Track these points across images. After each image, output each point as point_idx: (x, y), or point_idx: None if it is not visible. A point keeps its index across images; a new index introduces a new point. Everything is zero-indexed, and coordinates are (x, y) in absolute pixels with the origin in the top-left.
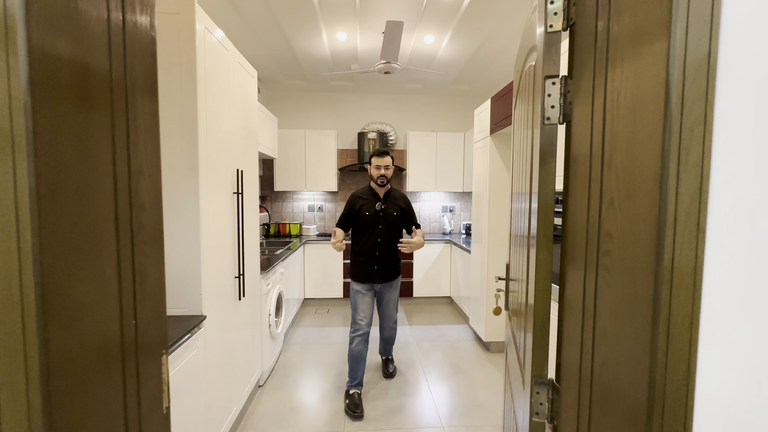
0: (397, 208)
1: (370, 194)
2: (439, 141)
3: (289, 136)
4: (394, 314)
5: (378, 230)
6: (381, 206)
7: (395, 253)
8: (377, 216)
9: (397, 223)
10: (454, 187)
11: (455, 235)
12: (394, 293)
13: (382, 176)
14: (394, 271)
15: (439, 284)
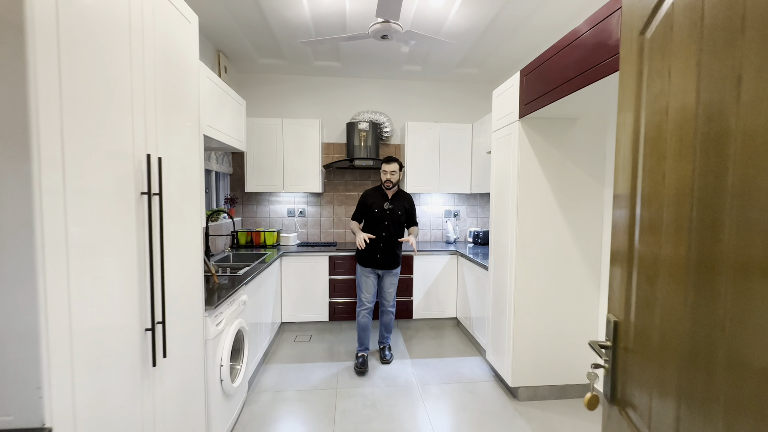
0: (402, 208)
1: (380, 194)
2: (443, 133)
3: (262, 126)
4: (392, 298)
5: (384, 226)
6: (388, 206)
7: (397, 247)
8: (384, 214)
9: (400, 222)
10: (460, 188)
11: (460, 245)
12: (394, 279)
13: (387, 180)
14: (394, 261)
15: (443, 304)
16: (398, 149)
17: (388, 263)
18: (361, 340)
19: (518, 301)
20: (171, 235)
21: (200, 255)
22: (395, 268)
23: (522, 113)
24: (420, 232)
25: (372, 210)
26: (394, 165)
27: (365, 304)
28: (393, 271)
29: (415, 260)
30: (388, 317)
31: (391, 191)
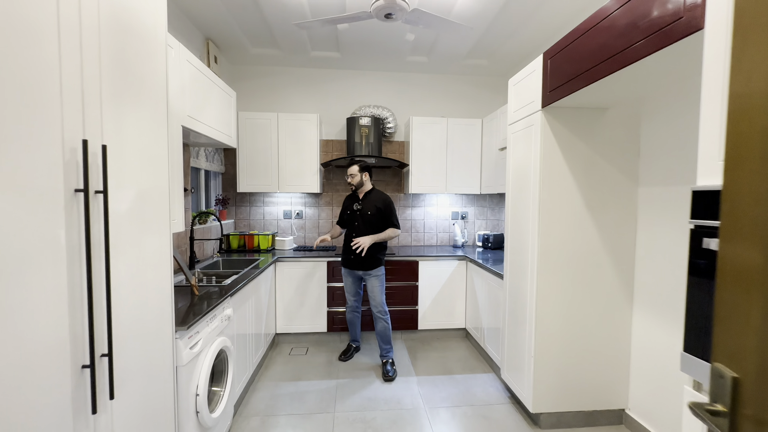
0: (373, 208)
1: (353, 196)
2: (451, 129)
3: (255, 121)
4: (379, 301)
5: (355, 226)
6: (358, 206)
7: (371, 248)
8: (355, 215)
9: (373, 222)
10: (469, 188)
11: (469, 249)
12: (376, 281)
13: (349, 183)
14: (369, 261)
15: (451, 313)
16: (402, 147)
17: (363, 263)
18: (350, 332)
19: (540, 314)
20: (124, 243)
21: (168, 266)
22: (373, 268)
23: (546, 101)
24: (425, 236)
25: (346, 212)
26: (353, 168)
27: (349, 303)
28: (372, 272)
29: (421, 266)
30: (381, 325)
31: (361, 192)
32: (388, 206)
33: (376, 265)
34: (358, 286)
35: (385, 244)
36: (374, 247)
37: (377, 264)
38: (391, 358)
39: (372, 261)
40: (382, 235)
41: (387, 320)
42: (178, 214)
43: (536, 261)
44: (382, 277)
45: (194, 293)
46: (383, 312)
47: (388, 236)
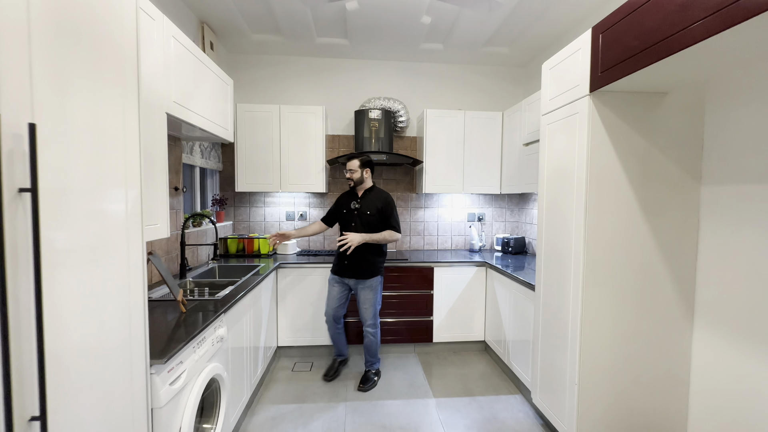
0: (373, 208)
1: (350, 193)
2: (469, 123)
3: (255, 114)
4: (368, 316)
5: (352, 228)
6: (356, 205)
7: (369, 252)
8: (352, 214)
9: (372, 223)
10: (488, 188)
11: (486, 253)
12: (369, 293)
13: (348, 179)
14: (366, 269)
15: (469, 325)
16: (414, 143)
17: (358, 270)
18: (336, 348)
19: (586, 335)
20: (68, 259)
21: (140, 283)
22: (368, 278)
23: (596, 84)
24: (439, 240)
25: (341, 211)
26: (353, 162)
27: (328, 316)
28: (366, 282)
29: (436, 273)
30: (368, 340)
31: (360, 189)
32: (389, 206)
33: (372, 275)
34: (344, 297)
35: (383, 249)
36: (372, 252)
37: (374, 273)
38: (376, 368)
39: (368, 269)
40: (378, 236)
41: (376, 334)
42: (161, 217)
43: (581, 273)
44: (377, 288)
45: (181, 310)
46: (374, 326)
47: (384, 239)
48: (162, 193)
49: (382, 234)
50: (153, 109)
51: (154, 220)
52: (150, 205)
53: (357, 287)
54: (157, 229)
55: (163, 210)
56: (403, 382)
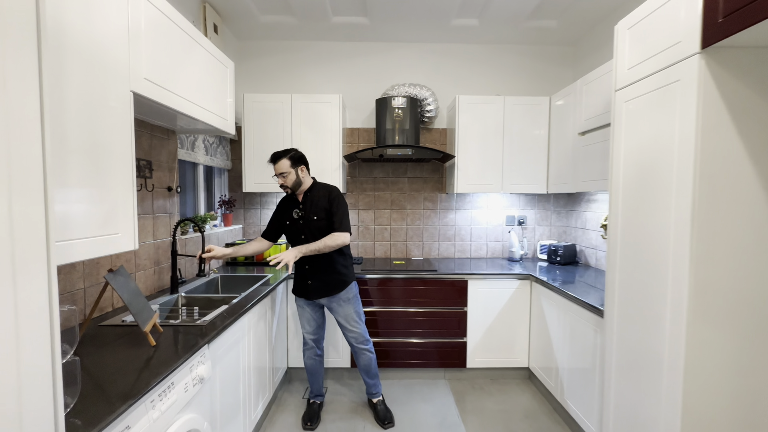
0: (320, 210)
1: (290, 198)
2: (510, 111)
3: (265, 105)
4: (359, 331)
5: (301, 241)
6: (299, 213)
7: (331, 264)
8: (297, 225)
9: (323, 229)
10: (532, 186)
11: (528, 263)
12: (347, 307)
13: (281, 186)
14: (334, 284)
15: (510, 348)
16: (443, 135)
17: (325, 289)
18: (311, 385)
19: (693, 382)
20: None
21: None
22: (341, 290)
23: (713, 36)
24: (472, 247)
25: (284, 222)
26: (281, 164)
27: (307, 342)
28: (340, 296)
29: (471, 287)
30: (365, 358)
31: (300, 193)
32: (335, 201)
33: (344, 284)
34: (320, 316)
35: (345, 251)
36: (332, 260)
37: (344, 283)
38: (382, 394)
39: (337, 280)
40: (316, 246)
41: (371, 349)
42: (124, 225)
43: (685, 303)
44: (355, 298)
45: (150, 343)
46: (365, 342)
47: (326, 246)
48: (125, 194)
49: (322, 241)
50: (108, 84)
51: (111, 229)
52: (102, 209)
53: (331, 305)
54: (115, 241)
55: (127, 215)
56: (432, 419)
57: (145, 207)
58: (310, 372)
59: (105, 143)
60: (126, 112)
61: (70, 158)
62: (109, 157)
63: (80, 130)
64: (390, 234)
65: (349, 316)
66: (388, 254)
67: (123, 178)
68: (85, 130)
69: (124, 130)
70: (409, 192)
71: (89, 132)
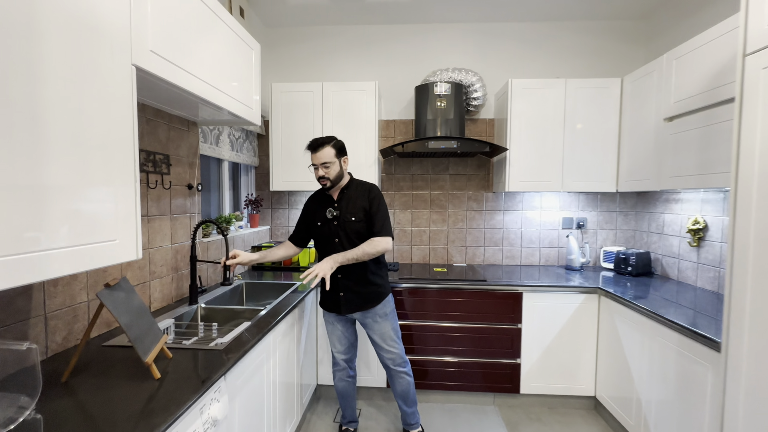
0: (358, 210)
1: (321, 196)
2: (572, 96)
3: (294, 96)
4: (395, 351)
5: (335, 245)
6: (333, 213)
7: (366, 273)
8: (330, 226)
9: (361, 232)
10: (598, 183)
11: (589, 272)
12: (384, 323)
13: (321, 178)
14: (369, 296)
15: (573, 373)
16: (490, 127)
17: (359, 302)
18: (343, 410)
19: None
20: None
21: None
22: (377, 303)
23: None
24: (522, 252)
25: (315, 223)
26: (323, 151)
27: (337, 362)
28: (377, 310)
29: (526, 300)
30: (403, 382)
31: (336, 190)
32: (375, 200)
33: (378, 298)
34: (352, 333)
35: (380, 259)
36: (368, 270)
37: (380, 295)
38: (421, 425)
39: (373, 292)
40: (354, 253)
41: (409, 372)
42: (121, 230)
43: None
44: (392, 313)
45: (154, 375)
46: (403, 364)
47: (364, 253)
48: (124, 192)
49: (361, 249)
50: (102, 54)
51: (103, 235)
52: (90, 210)
53: (366, 320)
54: (110, 250)
55: (127, 218)
56: None
57: (162, 207)
58: (341, 395)
59: (95, 126)
60: (125, 89)
61: (45, 143)
62: (102, 144)
63: (60, 109)
64: (429, 237)
65: (385, 334)
66: (426, 260)
67: (121, 172)
68: (67, 108)
69: (123, 111)
70: (451, 190)
71: (73, 111)
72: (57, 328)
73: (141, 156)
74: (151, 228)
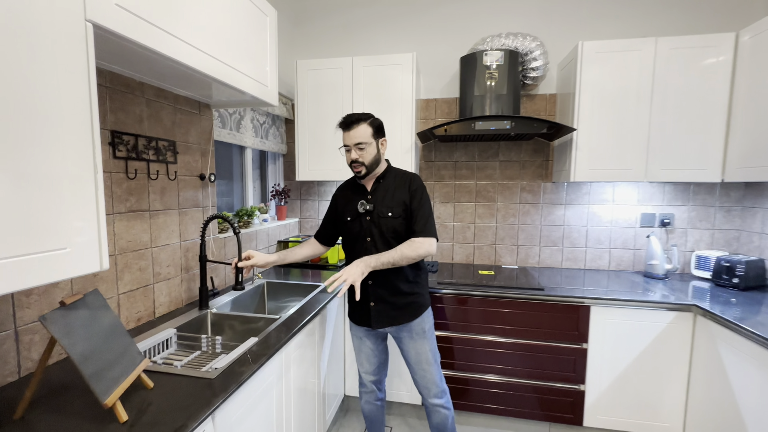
0: (396, 204)
1: (353, 186)
2: (664, 59)
3: (322, 73)
4: (432, 379)
5: (366, 245)
6: (366, 206)
7: (401, 280)
8: (362, 222)
9: (398, 230)
10: (698, 172)
11: (675, 282)
12: (422, 342)
13: (354, 162)
14: (405, 308)
15: (654, 407)
16: (552, 104)
17: (391, 313)
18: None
19: None
20: None
21: None
22: (414, 317)
23: None
24: (587, 255)
25: (343, 219)
26: (358, 129)
27: (364, 383)
28: (410, 326)
29: (595, 315)
30: (441, 417)
31: (370, 179)
32: (417, 191)
33: (416, 311)
34: (383, 351)
35: (420, 264)
36: (404, 277)
37: (419, 308)
38: None
39: (408, 305)
40: (391, 256)
41: (447, 405)
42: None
43: None
44: (431, 331)
45: (119, 419)
46: (440, 394)
47: (403, 257)
48: (78, 184)
49: (398, 251)
50: (38, 7)
51: (44, 243)
52: (17, 211)
53: (400, 335)
54: (57, 262)
55: (83, 220)
56: None
57: (167, 200)
58: (368, 419)
59: (29, 98)
60: (77, 53)
61: None
62: (41, 122)
63: None
64: (474, 234)
65: (421, 355)
66: (470, 260)
67: (72, 160)
68: None
69: (74, 82)
70: (501, 180)
71: None
72: (33, 343)
73: (141, 142)
74: (154, 224)
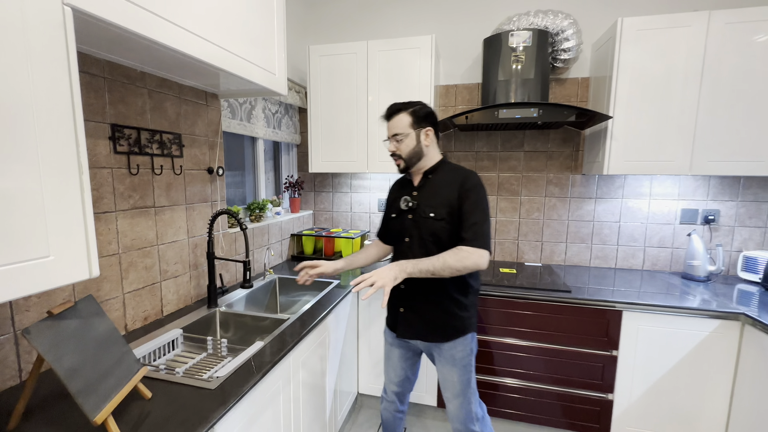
0: (442, 205)
1: (403, 180)
2: (717, 36)
3: (335, 59)
4: (457, 413)
5: (404, 246)
6: (409, 203)
7: (442, 293)
8: (403, 220)
9: (439, 235)
10: (755, 165)
11: (719, 285)
12: (450, 371)
13: (393, 155)
14: (440, 326)
15: (690, 421)
16: (584, 89)
17: (421, 326)
18: None
19: None
20: None
21: None
22: (449, 339)
23: None
24: (619, 253)
25: (389, 214)
26: (396, 120)
27: (387, 393)
28: (445, 347)
29: (627, 321)
30: None
31: (418, 172)
32: (470, 193)
33: (454, 333)
34: (411, 367)
35: (467, 282)
36: (438, 285)
37: (457, 330)
38: None
39: (444, 323)
40: (432, 263)
41: None
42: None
43: None
44: (463, 362)
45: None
46: (470, 419)
47: (445, 266)
48: (58, 188)
49: (441, 258)
50: None
51: (24, 251)
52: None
53: (430, 352)
54: (36, 272)
55: (67, 224)
56: None
57: (173, 195)
58: (386, 426)
59: None
60: (54, 41)
61: None
62: (7, 118)
63: None
64: (495, 229)
65: (447, 382)
66: (491, 256)
67: (50, 159)
68: None
69: (52, 72)
70: (526, 172)
71: None
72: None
73: (144, 136)
74: (160, 221)
